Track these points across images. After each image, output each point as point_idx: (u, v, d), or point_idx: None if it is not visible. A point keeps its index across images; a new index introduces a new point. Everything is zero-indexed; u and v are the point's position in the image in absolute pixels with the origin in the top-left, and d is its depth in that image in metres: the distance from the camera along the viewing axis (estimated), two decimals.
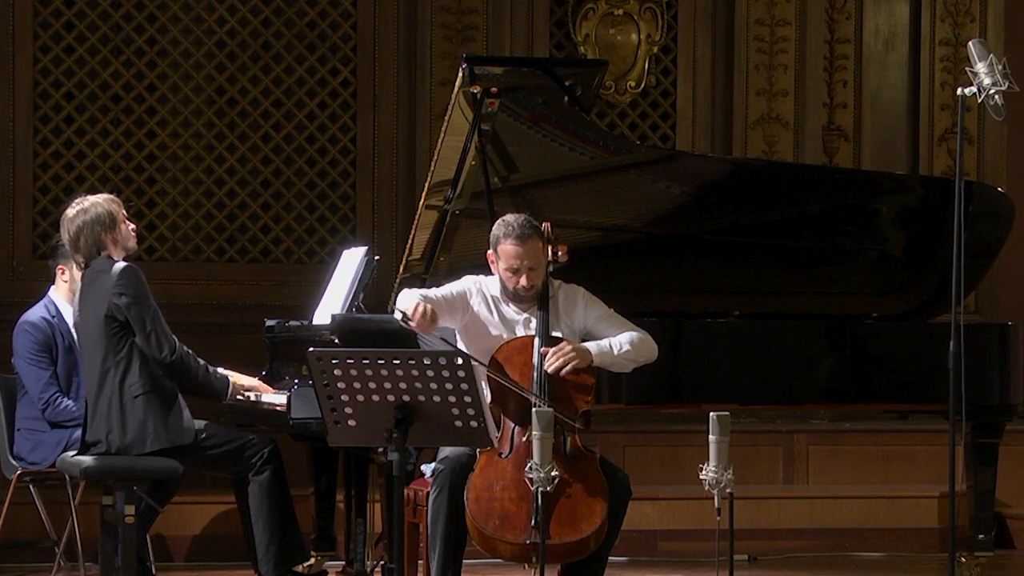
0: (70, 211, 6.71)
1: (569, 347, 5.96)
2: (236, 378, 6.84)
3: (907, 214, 7.64)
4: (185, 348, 6.62)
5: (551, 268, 6.18)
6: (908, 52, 10.66)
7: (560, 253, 6.22)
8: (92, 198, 6.74)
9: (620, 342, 6.11)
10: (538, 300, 6.12)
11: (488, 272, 6.22)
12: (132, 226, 6.80)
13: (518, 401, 5.89)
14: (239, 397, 6.83)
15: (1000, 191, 7.82)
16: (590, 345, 6.05)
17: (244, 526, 6.82)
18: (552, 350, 5.94)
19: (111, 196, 6.79)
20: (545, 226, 6.17)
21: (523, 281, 6.06)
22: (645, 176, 7.30)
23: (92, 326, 6.63)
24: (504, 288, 6.15)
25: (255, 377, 7.07)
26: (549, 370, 5.92)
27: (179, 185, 9.72)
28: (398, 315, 5.89)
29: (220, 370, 6.80)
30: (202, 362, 6.68)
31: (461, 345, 6.10)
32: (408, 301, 5.90)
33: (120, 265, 6.60)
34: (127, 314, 6.54)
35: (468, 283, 6.20)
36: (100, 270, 6.62)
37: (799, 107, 10.43)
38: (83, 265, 6.70)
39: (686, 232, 7.40)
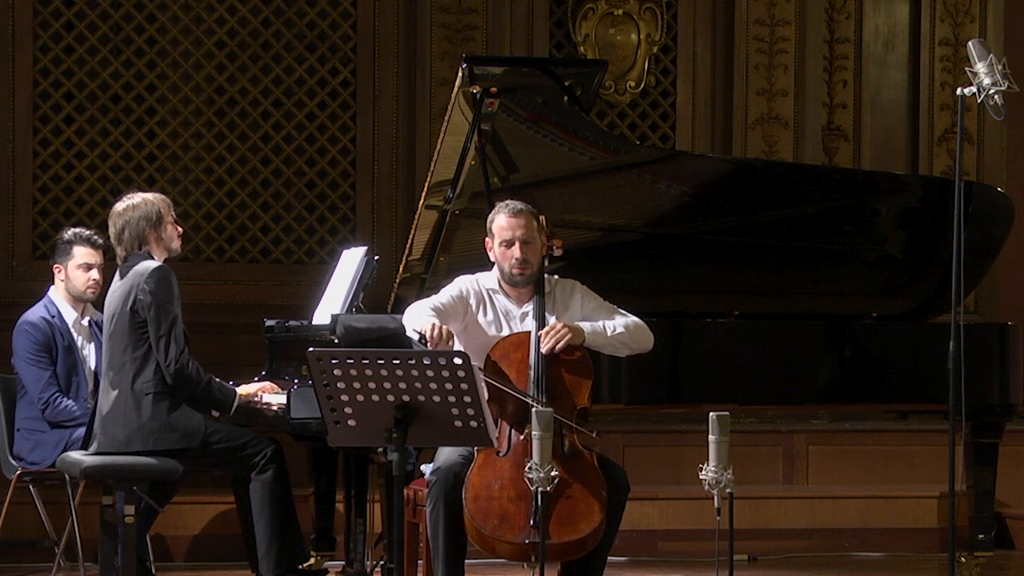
0: (119, 205, 6.78)
1: (561, 324, 5.97)
2: (243, 389, 6.86)
3: (907, 214, 7.65)
4: (193, 362, 6.63)
5: (547, 262, 6.19)
6: (908, 52, 10.66)
7: (556, 247, 6.22)
8: (143, 195, 6.82)
9: (615, 325, 6.11)
10: (534, 292, 6.12)
11: (485, 270, 6.23)
12: (179, 229, 6.83)
13: (515, 400, 5.89)
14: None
15: (1000, 191, 7.82)
16: (583, 324, 6.06)
17: (244, 526, 6.82)
18: (544, 331, 5.96)
19: (163, 196, 6.84)
20: (542, 217, 6.18)
21: (517, 253, 6.07)
22: (645, 176, 7.30)
23: (117, 318, 6.66)
24: (500, 275, 6.16)
25: (256, 379, 7.10)
26: (544, 350, 5.92)
27: (179, 185, 9.72)
28: (414, 335, 5.88)
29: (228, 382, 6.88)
30: (206, 377, 6.68)
31: (459, 346, 6.10)
32: (421, 320, 5.90)
33: (154, 264, 6.65)
34: (147, 313, 6.57)
35: (464, 284, 6.20)
36: (135, 265, 6.66)
37: (799, 107, 10.43)
38: (123, 259, 6.73)
39: (686, 232, 7.40)
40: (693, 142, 10.22)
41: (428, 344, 5.79)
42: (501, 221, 6.12)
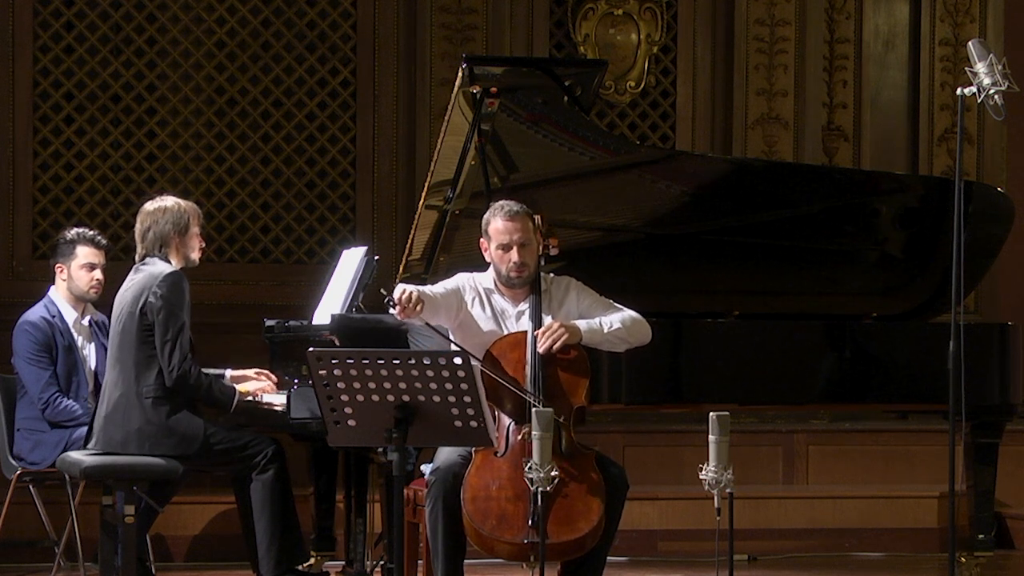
0: (149, 205, 6.81)
1: (557, 324, 5.96)
2: (242, 387, 6.88)
3: (907, 214, 7.65)
4: (195, 368, 6.63)
5: (543, 261, 6.18)
6: (908, 52, 10.66)
7: (552, 246, 6.22)
8: (176, 199, 6.84)
9: (611, 320, 6.11)
10: (531, 291, 6.12)
11: (483, 271, 6.23)
12: (202, 243, 6.84)
13: (513, 398, 5.89)
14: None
15: (1000, 191, 7.82)
16: (579, 323, 6.05)
17: (244, 525, 6.82)
18: (541, 331, 5.96)
19: (195, 206, 6.86)
20: (537, 217, 6.17)
21: (514, 256, 6.05)
22: (645, 176, 7.30)
23: (126, 319, 6.66)
24: (497, 276, 6.15)
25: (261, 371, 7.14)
26: (541, 350, 5.91)
27: (179, 185, 9.71)
28: (387, 301, 5.87)
29: (228, 374, 6.86)
30: (206, 381, 6.69)
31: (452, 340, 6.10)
32: (398, 289, 5.90)
33: (169, 268, 6.67)
34: (155, 317, 6.58)
35: (461, 279, 6.20)
36: (151, 266, 6.67)
37: (799, 107, 10.43)
38: (141, 257, 6.74)
39: (686, 232, 7.40)
40: (693, 142, 10.22)
41: (396, 307, 5.77)
42: (497, 224, 6.10)
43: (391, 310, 5.83)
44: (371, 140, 9.97)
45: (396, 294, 5.80)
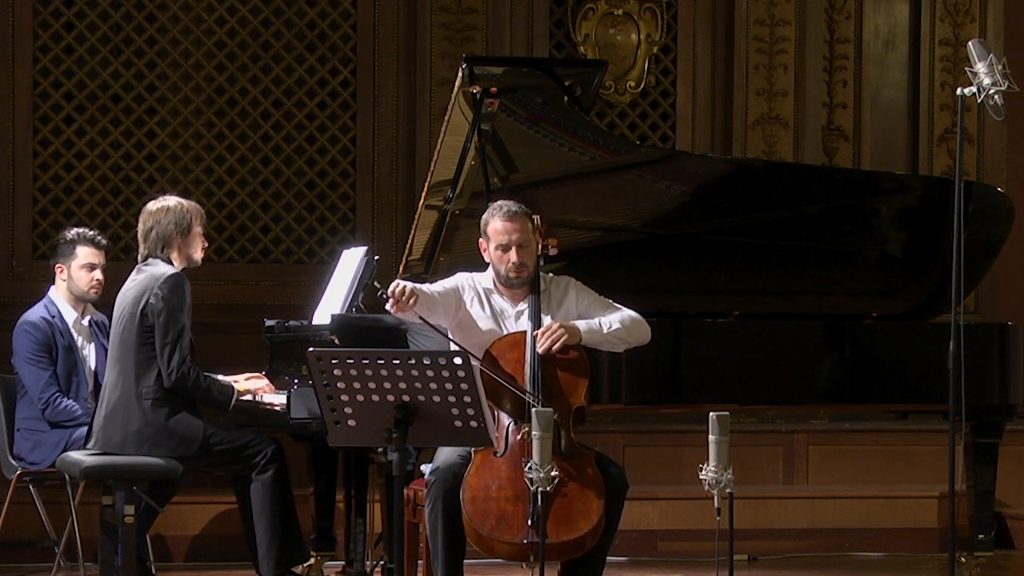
0: (152, 204, 6.80)
1: (557, 325, 5.97)
2: (240, 385, 6.87)
3: (907, 214, 7.65)
4: (194, 370, 6.62)
5: (542, 261, 6.18)
6: (908, 52, 10.66)
7: (551, 246, 6.21)
8: (178, 199, 6.83)
9: (610, 321, 6.11)
10: (530, 291, 6.11)
11: (483, 271, 6.23)
12: (205, 243, 6.84)
13: (513, 398, 5.88)
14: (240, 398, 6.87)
15: (1000, 191, 7.82)
16: (579, 323, 6.05)
17: (244, 525, 6.83)
18: (540, 331, 5.95)
19: (198, 206, 6.85)
20: (536, 217, 6.17)
21: (513, 257, 6.06)
22: (645, 176, 7.30)
23: (127, 320, 6.66)
24: (496, 276, 6.15)
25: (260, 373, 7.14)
26: (540, 351, 5.91)
27: (179, 185, 9.71)
28: (380, 294, 5.86)
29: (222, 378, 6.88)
30: (205, 384, 6.68)
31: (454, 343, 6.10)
32: (392, 284, 5.89)
33: (172, 270, 6.67)
34: (155, 319, 6.58)
35: (461, 279, 6.20)
36: (152, 267, 6.67)
37: (799, 107, 10.43)
38: (143, 257, 6.74)
39: (686, 232, 7.40)
40: (693, 142, 10.22)
41: (388, 300, 5.76)
42: (496, 225, 6.10)
43: (386, 305, 5.83)
44: (371, 140, 9.97)
45: (390, 288, 5.80)
